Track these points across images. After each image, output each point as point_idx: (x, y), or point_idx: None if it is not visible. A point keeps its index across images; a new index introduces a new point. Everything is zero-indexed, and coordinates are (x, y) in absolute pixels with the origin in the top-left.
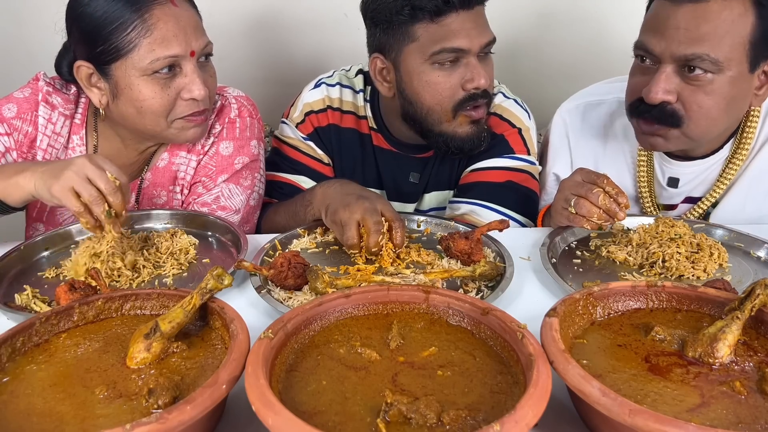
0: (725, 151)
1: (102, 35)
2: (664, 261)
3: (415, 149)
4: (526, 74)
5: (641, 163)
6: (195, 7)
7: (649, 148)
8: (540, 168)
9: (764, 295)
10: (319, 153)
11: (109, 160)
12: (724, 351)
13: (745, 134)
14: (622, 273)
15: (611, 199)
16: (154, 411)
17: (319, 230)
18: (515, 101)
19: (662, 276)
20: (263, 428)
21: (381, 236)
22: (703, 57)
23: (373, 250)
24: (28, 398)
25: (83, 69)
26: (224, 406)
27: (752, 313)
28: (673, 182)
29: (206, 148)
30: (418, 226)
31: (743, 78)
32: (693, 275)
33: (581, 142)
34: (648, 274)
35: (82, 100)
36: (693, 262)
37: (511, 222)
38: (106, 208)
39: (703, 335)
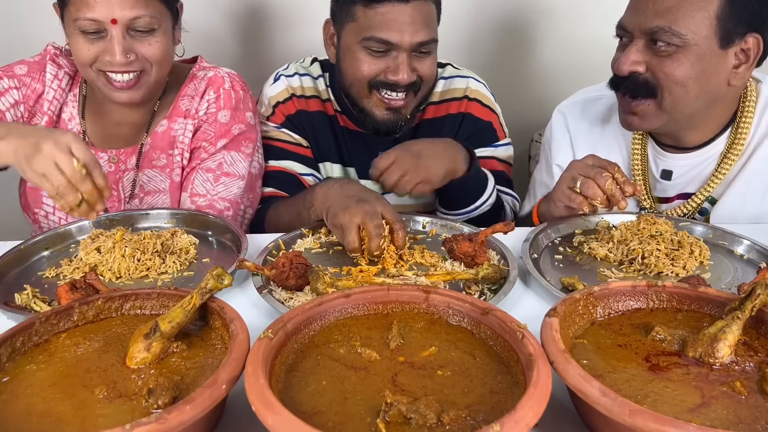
0: (720, 145)
1: None
2: (643, 257)
3: None
4: (525, 74)
5: (635, 153)
6: None
7: (626, 127)
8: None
9: (765, 295)
10: (296, 137)
11: (84, 145)
12: (724, 351)
13: (740, 129)
14: (602, 269)
15: (617, 186)
16: (153, 411)
17: (323, 230)
18: (483, 84)
19: (641, 273)
20: (263, 428)
21: (382, 240)
22: (665, 29)
23: (375, 253)
24: (28, 398)
25: (59, 14)
26: (224, 406)
27: (753, 313)
28: (667, 174)
29: (200, 113)
30: (423, 227)
31: (713, 54)
32: (672, 272)
33: (581, 133)
34: (627, 271)
35: None
36: (672, 260)
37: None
38: (80, 196)
39: (704, 335)
